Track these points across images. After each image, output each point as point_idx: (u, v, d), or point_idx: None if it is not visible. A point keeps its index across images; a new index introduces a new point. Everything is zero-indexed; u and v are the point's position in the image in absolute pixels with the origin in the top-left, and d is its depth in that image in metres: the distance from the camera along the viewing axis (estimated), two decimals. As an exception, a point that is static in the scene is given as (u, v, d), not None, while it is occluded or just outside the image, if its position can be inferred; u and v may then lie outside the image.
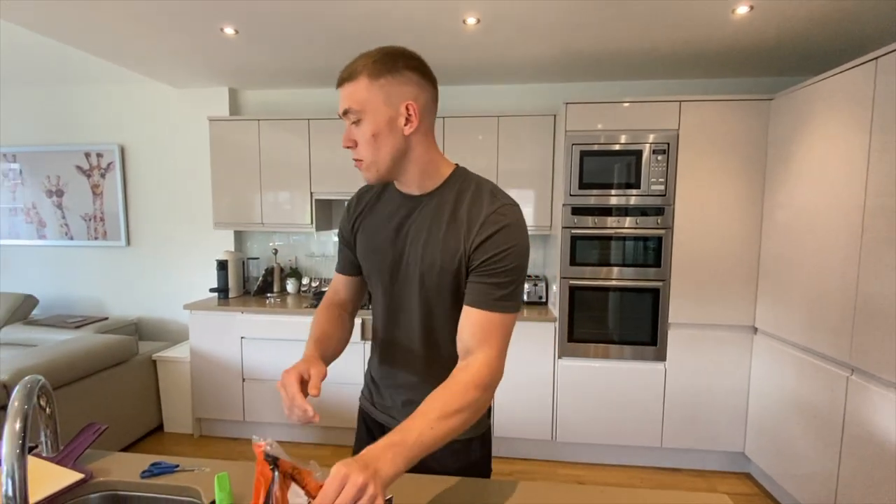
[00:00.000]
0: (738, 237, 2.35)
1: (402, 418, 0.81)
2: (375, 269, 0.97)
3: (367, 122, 0.83)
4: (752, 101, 2.29)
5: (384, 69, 0.82)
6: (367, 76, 0.82)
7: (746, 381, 2.40)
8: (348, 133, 0.86)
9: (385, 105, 0.83)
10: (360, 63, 0.83)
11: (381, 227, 0.96)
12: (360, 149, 0.86)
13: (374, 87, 0.82)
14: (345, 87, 0.84)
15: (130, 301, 3.33)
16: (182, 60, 2.58)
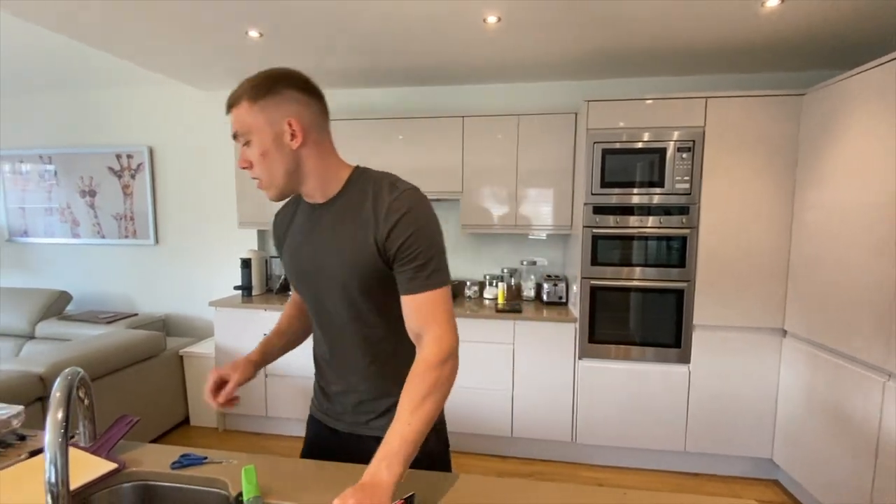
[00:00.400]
0: (767, 237, 2.28)
1: (354, 420, 1.01)
2: (301, 284, 1.01)
3: (255, 143, 0.88)
4: (782, 96, 2.22)
5: (263, 91, 0.87)
6: (248, 100, 0.87)
7: (775, 385, 2.33)
8: (242, 154, 0.91)
9: (268, 125, 0.87)
10: (241, 88, 0.88)
11: (297, 242, 1.00)
12: (255, 169, 0.91)
13: (254, 109, 0.87)
14: (231, 111, 0.89)
15: (158, 298, 3.44)
16: (208, 64, 2.65)
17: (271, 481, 0.93)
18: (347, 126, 2.83)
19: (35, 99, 3.45)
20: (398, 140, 2.79)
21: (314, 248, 0.96)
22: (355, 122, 2.82)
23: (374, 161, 2.90)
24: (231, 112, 0.89)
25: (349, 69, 2.73)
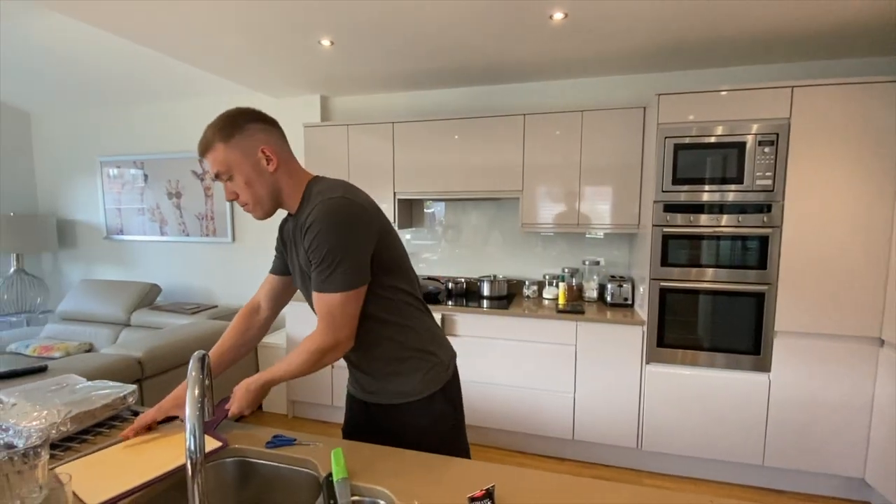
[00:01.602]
0: (863, 237, 2.08)
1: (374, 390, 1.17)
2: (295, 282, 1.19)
3: (238, 176, 1.02)
4: (880, 83, 2.02)
5: (230, 130, 1.01)
6: (220, 141, 1.01)
7: (869, 398, 2.13)
8: (227, 189, 1.05)
9: (244, 157, 1.02)
10: (210, 133, 1.01)
11: (288, 249, 1.17)
12: (242, 197, 1.06)
13: (229, 148, 1.01)
14: (207, 156, 1.02)
15: (235, 291, 3.70)
16: (280, 73, 2.82)
17: (359, 465, 0.99)
18: (407, 128, 2.90)
19: (128, 110, 3.83)
20: (455, 140, 2.82)
21: (291, 256, 1.15)
22: (415, 123, 2.88)
23: (439, 160, 2.97)
24: (207, 156, 1.03)
25: (414, 72, 2.79)
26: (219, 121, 1.03)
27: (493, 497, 0.86)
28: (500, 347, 2.59)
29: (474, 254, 3.21)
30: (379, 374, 1.15)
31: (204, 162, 3.58)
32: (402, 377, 1.14)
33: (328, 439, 1.10)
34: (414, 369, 1.14)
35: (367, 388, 1.18)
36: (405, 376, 1.13)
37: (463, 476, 0.95)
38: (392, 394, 1.14)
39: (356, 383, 1.22)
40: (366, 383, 1.18)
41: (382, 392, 1.15)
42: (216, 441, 1.07)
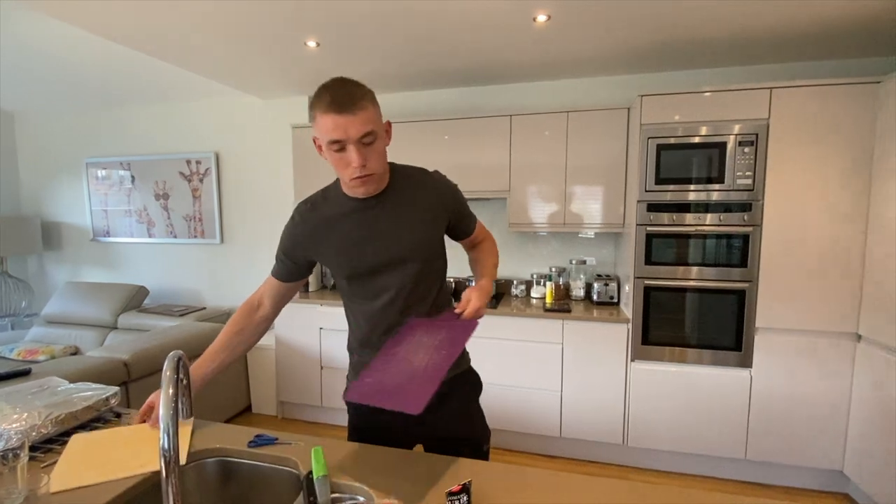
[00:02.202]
0: (840, 235, 2.13)
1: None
2: (357, 271, 1.10)
3: (379, 140, 1.00)
4: (855, 84, 2.07)
5: (373, 95, 1.00)
6: (370, 102, 0.97)
7: (847, 392, 2.18)
8: (359, 153, 0.96)
9: (381, 125, 1.01)
10: (358, 91, 0.96)
11: (352, 232, 1.09)
12: (371, 164, 0.99)
13: (376, 110, 0.99)
14: (357, 113, 0.94)
15: (224, 293, 3.69)
16: (267, 74, 2.82)
17: (339, 462, 1.00)
18: (396, 129, 2.90)
19: (115, 111, 3.80)
20: (444, 140, 2.83)
21: (373, 235, 1.08)
22: (408, 123, 2.89)
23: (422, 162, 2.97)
24: (356, 113, 0.94)
25: (402, 73, 2.81)
26: (356, 82, 0.98)
27: (469, 491, 0.88)
28: (488, 346, 2.61)
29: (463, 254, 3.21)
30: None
31: (190, 163, 3.56)
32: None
33: (310, 438, 1.11)
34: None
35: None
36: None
37: (442, 472, 0.97)
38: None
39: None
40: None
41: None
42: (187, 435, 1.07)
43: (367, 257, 1.09)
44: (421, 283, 1.12)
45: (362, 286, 1.12)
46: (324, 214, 1.12)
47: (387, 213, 1.08)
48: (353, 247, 1.09)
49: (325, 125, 0.94)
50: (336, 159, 0.99)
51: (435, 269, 1.16)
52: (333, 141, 0.95)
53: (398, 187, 1.10)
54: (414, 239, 1.09)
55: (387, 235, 1.08)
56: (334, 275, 1.17)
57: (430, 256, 1.13)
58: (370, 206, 1.08)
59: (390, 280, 1.10)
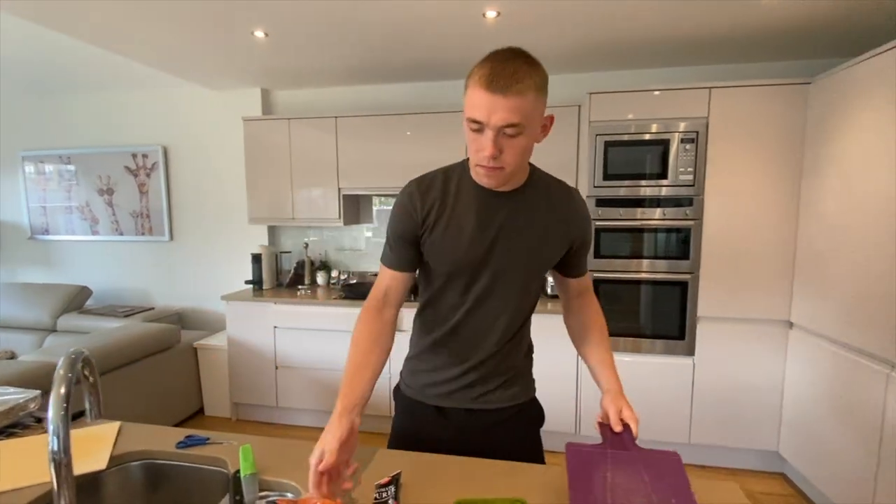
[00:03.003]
0: (773, 228, 2.25)
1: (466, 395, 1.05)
2: (459, 265, 0.96)
3: (526, 136, 0.83)
4: (787, 85, 2.19)
5: (543, 81, 0.83)
6: (535, 90, 0.80)
7: (781, 377, 2.31)
8: (496, 143, 0.81)
9: (539, 117, 0.85)
10: (528, 75, 0.79)
11: (466, 222, 0.95)
12: (506, 157, 0.84)
13: (538, 101, 0.82)
14: (509, 98, 0.78)
15: (173, 292, 3.54)
16: (216, 64, 2.72)
17: (269, 461, 0.98)
18: (355, 122, 2.87)
19: (53, 102, 3.58)
20: (406, 135, 2.82)
21: (493, 232, 0.95)
22: (363, 118, 2.86)
23: (384, 156, 2.95)
24: (509, 98, 0.78)
25: (356, 67, 2.77)
26: (527, 57, 0.82)
27: (398, 483, 0.88)
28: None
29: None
30: (500, 369, 1.06)
31: (136, 157, 3.40)
32: (528, 376, 1.14)
33: (252, 437, 1.08)
34: (530, 365, 1.16)
35: (461, 386, 1.05)
36: (529, 374, 1.14)
37: (373, 465, 0.97)
38: (493, 399, 1.06)
39: (447, 382, 1.06)
40: (464, 381, 1.05)
41: (480, 392, 1.05)
42: (110, 442, 1.02)
43: (478, 251, 0.95)
44: (523, 298, 1.02)
45: (459, 278, 0.99)
46: (446, 189, 0.97)
47: (514, 211, 0.95)
48: (468, 235, 0.95)
49: (472, 100, 0.81)
50: (470, 139, 0.85)
51: (534, 290, 1.04)
52: (473, 120, 0.81)
53: (536, 189, 0.97)
54: (534, 247, 0.97)
55: (507, 235, 0.95)
56: (427, 266, 1.01)
57: (539, 273, 1.01)
58: (498, 198, 0.95)
59: (496, 280, 0.98)
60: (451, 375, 1.05)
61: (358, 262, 3.32)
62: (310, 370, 2.80)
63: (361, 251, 3.31)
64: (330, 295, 2.91)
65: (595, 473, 0.79)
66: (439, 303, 1.03)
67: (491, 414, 1.05)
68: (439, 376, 1.06)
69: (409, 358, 1.13)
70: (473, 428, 1.05)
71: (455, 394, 1.05)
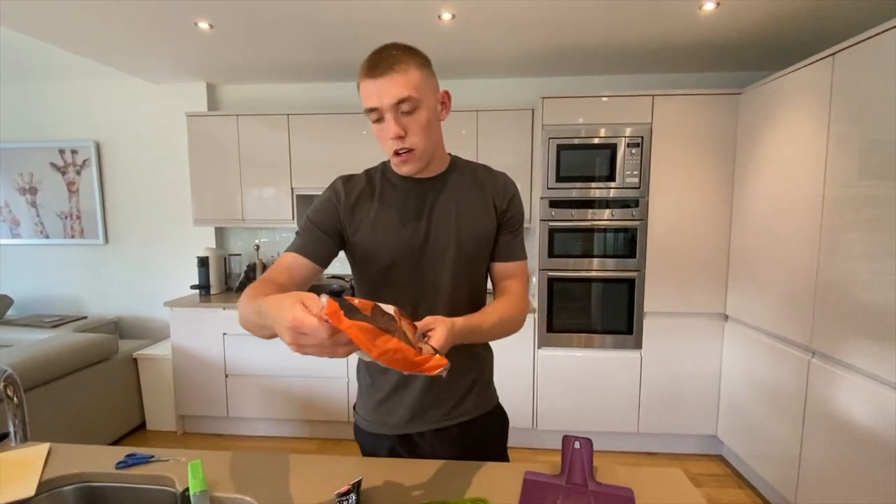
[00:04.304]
0: (710, 227, 2.42)
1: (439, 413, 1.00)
2: (397, 255, 0.95)
3: (423, 110, 0.85)
4: (720, 95, 2.35)
5: (424, 61, 0.87)
6: (416, 66, 0.84)
7: (718, 366, 2.48)
8: (397, 122, 0.83)
9: (432, 93, 0.88)
10: (401, 53, 0.84)
11: (394, 213, 0.95)
12: (412, 138, 0.86)
13: (423, 75, 0.85)
14: (393, 76, 0.82)
15: (109, 299, 3.30)
16: (157, 55, 2.56)
17: (222, 475, 0.94)
18: (309, 120, 2.79)
19: (-34, 90, 3.23)
20: (363, 135, 2.77)
21: (423, 220, 0.95)
22: (318, 116, 2.79)
23: (338, 155, 2.89)
24: (392, 76, 0.82)
25: (307, 64, 2.69)
26: (404, 46, 0.86)
27: (359, 490, 0.86)
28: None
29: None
30: (463, 366, 1.00)
31: (64, 153, 3.14)
32: (491, 377, 1.11)
33: (202, 452, 1.02)
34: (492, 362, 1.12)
35: (431, 404, 1.00)
36: (492, 376, 1.11)
37: (333, 473, 0.95)
38: (465, 410, 1.02)
39: (415, 404, 0.99)
40: (430, 397, 1.00)
41: (451, 405, 1.01)
42: (38, 468, 0.94)
43: (414, 238, 0.94)
44: (470, 282, 1.00)
45: (395, 273, 0.96)
46: (371, 184, 0.98)
47: (441, 195, 0.97)
48: (399, 224, 0.94)
49: (363, 93, 0.85)
50: (377, 132, 0.88)
51: (482, 274, 1.02)
52: (369, 110, 0.85)
53: (460, 173, 1.00)
54: (465, 228, 0.96)
55: (439, 218, 0.95)
56: (361, 262, 0.97)
57: (479, 250, 0.98)
58: (423, 185, 0.97)
59: (431, 270, 0.96)
60: (419, 388, 0.99)
61: (312, 264, 3.23)
62: (262, 377, 2.70)
63: (316, 253, 3.23)
64: (283, 299, 2.81)
65: (545, 503, 0.83)
66: (380, 300, 0.96)
67: (463, 429, 1.02)
68: (406, 395, 0.99)
69: (365, 387, 1.05)
70: (447, 452, 1.01)
71: (425, 414, 1.00)
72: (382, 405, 1.02)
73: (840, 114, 1.68)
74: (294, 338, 0.58)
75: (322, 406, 2.68)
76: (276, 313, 0.60)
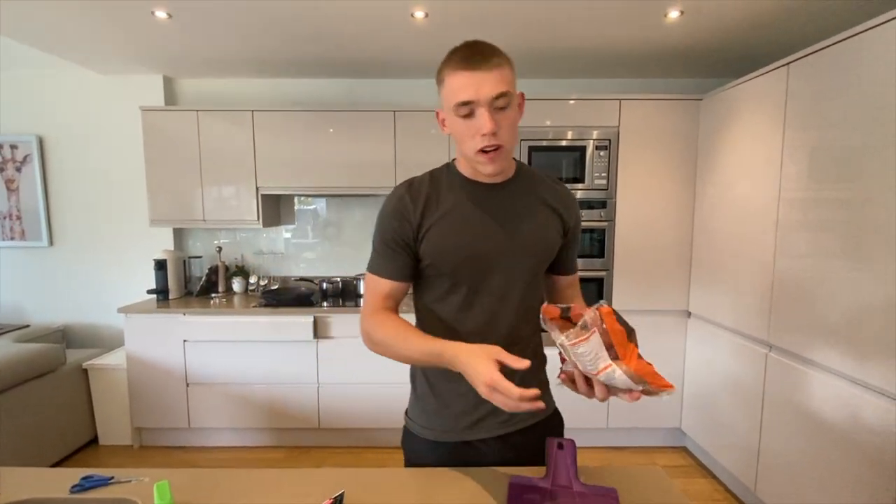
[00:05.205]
0: (674, 228, 2.51)
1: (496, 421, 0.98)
2: (465, 263, 0.92)
3: (513, 108, 0.85)
4: (683, 100, 2.45)
5: (511, 61, 0.86)
6: (508, 63, 0.84)
7: (682, 361, 2.58)
8: (491, 118, 0.82)
9: (516, 93, 0.87)
10: (495, 48, 0.84)
11: (464, 217, 0.92)
12: (503, 134, 0.84)
13: (513, 74, 0.85)
14: (492, 70, 0.81)
15: (55, 306, 3.06)
16: (108, 45, 2.40)
17: (189, 496, 0.88)
18: (275, 117, 2.70)
19: None
20: (329, 133, 2.70)
21: (494, 226, 0.93)
22: (284, 113, 2.69)
23: (306, 154, 2.81)
24: (491, 71, 0.81)
25: (273, 58, 2.60)
26: (491, 44, 0.85)
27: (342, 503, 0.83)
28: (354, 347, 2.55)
29: (356, 252, 3.12)
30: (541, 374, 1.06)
31: (2, 149, 2.91)
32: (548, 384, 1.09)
33: (167, 471, 0.95)
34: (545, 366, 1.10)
35: (488, 411, 0.97)
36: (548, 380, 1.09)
37: (314, 486, 0.91)
38: (522, 417, 1.00)
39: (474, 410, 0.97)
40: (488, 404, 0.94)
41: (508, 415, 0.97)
42: None
43: (483, 242, 0.92)
44: (532, 291, 0.98)
45: (460, 278, 0.93)
46: (435, 188, 0.94)
47: (509, 201, 0.95)
48: (468, 228, 0.92)
49: (454, 85, 0.82)
50: (462, 128, 0.84)
51: (540, 284, 1.03)
52: (462, 103, 0.81)
53: (525, 179, 0.98)
54: (535, 233, 0.95)
55: (507, 224, 0.93)
56: (429, 268, 0.94)
57: (544, 260, 0.99)
58: (491, 190, 0.94)
59: (499, 277, 0.94)
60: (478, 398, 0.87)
61: (279, 266, 3.13)
62: (227, 385, 2.58)
63: (282, 254, 3.13)
64: (248, 303, 2.70)
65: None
66: (445, 308, 0.95)
67: (524, 434, 1.00)
68: (463, 403, 0.96)
69: (423, 393, 1.02)
70: (509, 458, 0.99)
71: (485, 421, 0.97)
72: (442, 412, 0.99)
73: (793, 120, 1.78)
74: (489, 393, 0.72)
75: (289, 413, 2.60)
76: (472, 371, 0.75)
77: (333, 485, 0.90)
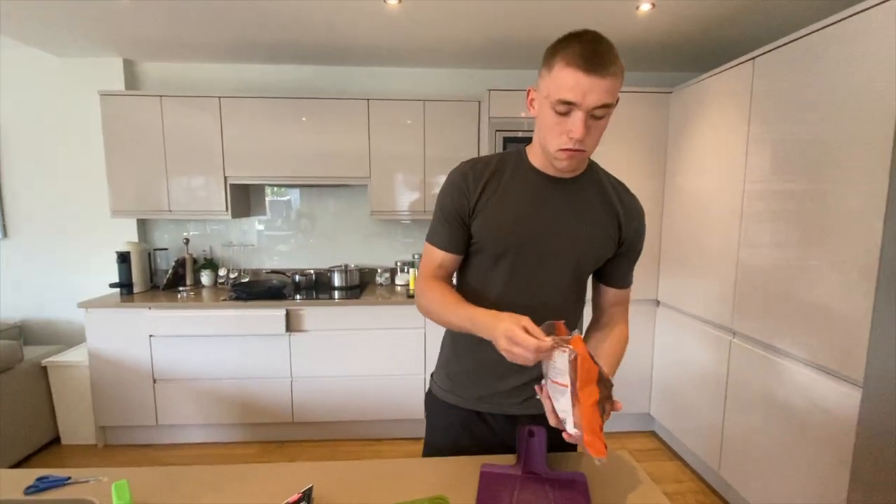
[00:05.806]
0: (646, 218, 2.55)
1: (512, 401, 1.00)
2: (511, 244, 0.94)
3: (607, 118, 0.84)
4: (653, 93, 2.48)
5: (623, 69, 0.83)
6: (621, 73, 0.82)
7: (651, 348, 2.66)
8: (584, 124, 0.80)
9: (615, 103, 0.84)
10: (617, 57, 0.81)
11: (519, 201, 0.94)
12: (589, 141, 0.84)
13: (622, 83, 0.83)
14: (607, 79, 0.78)
15: (10, 301, 2.91)
16: (63, 26, 2.26)
17: (152, 495, 0.85)
18: (243, 104, 2.61)
19: None
20: (302, 121, 2.64)
21: (546, 216, 0.93)
22: (253, 100, 2.61)
23: (277, 143, 2.74)
24: (605, 79, 0.78)
25: (240, 43, 2.51)
26: (613, 49, 0.80)
27: (310, 498, 0.82)
28: (352, 338, 2.53)
29: (330, 243, 3.07)
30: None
31: None
32: None
33: (128, 470, 0.92)
34: None
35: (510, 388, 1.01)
36: None
37: (280, 481, 0.89)
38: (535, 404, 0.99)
39: (497, 385, 1.01)
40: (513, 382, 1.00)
41: (525, 397, 1.01)
42: None
43: (530, 232, 0.93)
44: (573, 289, 0.98)
45: (509, 264, 0.94)
46: (500, 171, 0.95)
47: (569, 198, 0.94)
48: (520, 212, 0.93)
49: (563, 81, 0.79)
50: (552, 122, 0.83)
51: (584, 285, 1.02)
52: (564, 101, 0.79)
53: (592, 180, 0.97)
54: (585, 236, 0.94)
55: (560, 219, 0.93)
56: (478, 244, 0.96)
57: (590, 263, 0.97)
58: (555, 184, 0.94)
59: (547, 268, 0.94)
60: (499, 372, 0.99)
61: (249, 258, 3.05)
62: (195, 381, 2.52)
63: (253, 246, 3.05)
64: (218, 296, 2.63)
65: (502, 493, 0.85)
66: (486, 289, 0.97)
67: (533, 421, 0.98)
68: (482, 373, 1.00)
69: (448, 359, 1.08)
70: (511, 440, 1.00)
71: (499, 398, 1.01)
72: (459, 377, 1.04)
73: (758, 114, 1.83)
74: (508, 344, 0.75)
75: (262, 408, 2.55)
76: (494, 326, 0.79)
77: (303, 479, 0.89)
